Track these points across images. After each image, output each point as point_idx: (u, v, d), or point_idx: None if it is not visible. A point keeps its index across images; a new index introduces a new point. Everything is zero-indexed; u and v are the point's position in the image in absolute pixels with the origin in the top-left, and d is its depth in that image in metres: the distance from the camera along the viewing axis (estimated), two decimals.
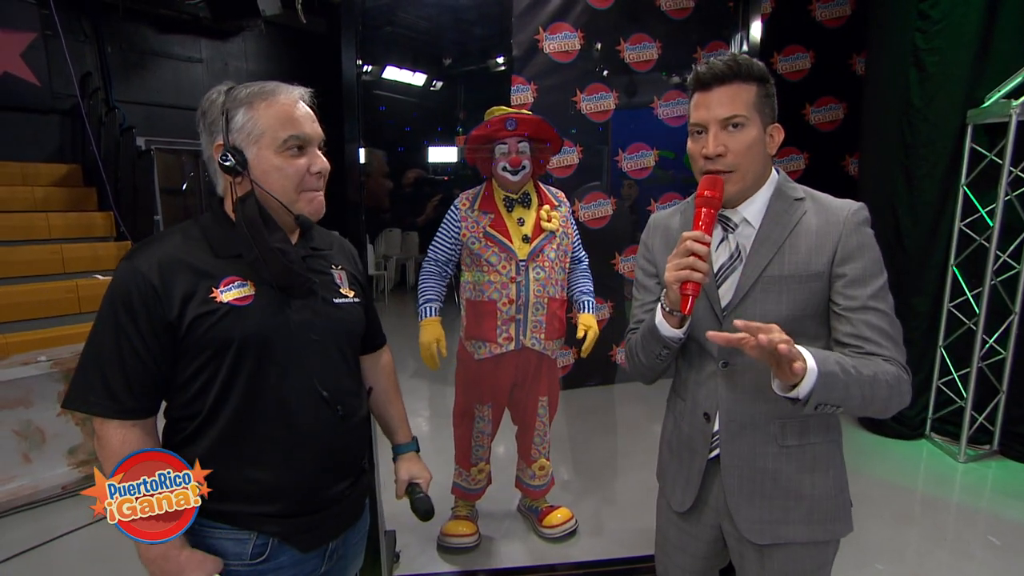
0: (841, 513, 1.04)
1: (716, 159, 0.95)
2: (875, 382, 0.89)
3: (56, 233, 4.16)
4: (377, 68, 7.97)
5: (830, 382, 0.84)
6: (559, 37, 3.50)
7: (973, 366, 2.87)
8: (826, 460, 1.02)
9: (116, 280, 0.86)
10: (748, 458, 1.02)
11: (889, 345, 0.93)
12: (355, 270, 1.08)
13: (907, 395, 0.94)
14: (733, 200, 1.00)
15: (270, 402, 0.89)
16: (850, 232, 0.95)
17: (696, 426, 1.07)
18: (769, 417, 1.00)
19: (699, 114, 0.97)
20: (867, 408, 0.91)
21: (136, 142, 4.87)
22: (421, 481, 1.17)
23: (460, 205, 2.02)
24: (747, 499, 1.02)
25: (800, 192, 1.02)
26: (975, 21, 2.75)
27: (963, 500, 2.59)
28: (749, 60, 0.96)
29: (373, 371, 1.19)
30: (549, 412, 2.18)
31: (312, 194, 0.94)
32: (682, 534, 1.14)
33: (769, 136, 0.98)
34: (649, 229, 1.16)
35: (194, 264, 0.87)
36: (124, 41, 5.55)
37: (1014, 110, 2.60)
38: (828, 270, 0.96)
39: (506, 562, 2.12)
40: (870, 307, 0.93)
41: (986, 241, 2.81)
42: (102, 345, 0.85)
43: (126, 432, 0.85)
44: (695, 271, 0.89)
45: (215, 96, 0.91)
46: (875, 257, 0.96)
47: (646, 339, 1.04)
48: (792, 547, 1.03)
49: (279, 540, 0.92)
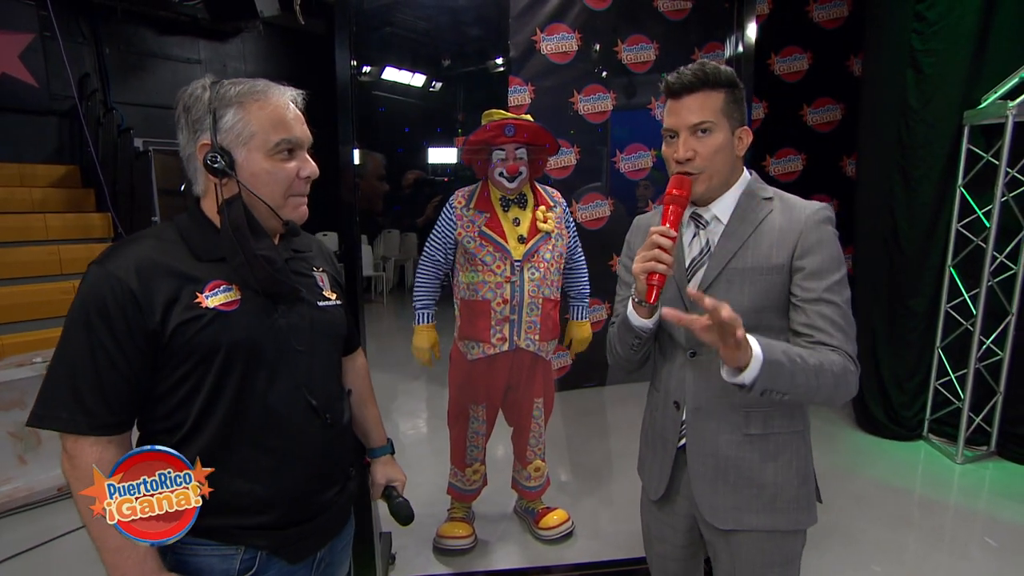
0: (804, 503, 1.06)
1: (686, 162, 1.01)
2: (820, 371, 0.93)
3: (54, 234, 4.17)
4: (376, 69, 7.98)
5: (775, 370, 0.88)
6: (556, 38, 3.50)
7: (970, 367, 2.87)
8: (789, 450, 1.05)
9: (88, 286, 0.80)
10: (712, 445, 1.06)
11: (839, 336, 0.97)
12: (334, 272, 1.07)
13: (853, 386, 0.97)
14: (703, 199, 1.07)
15: (258, 410, 0.87)
16: (810, 229, 1.00)
17: (668, 415, 1.11)
18: (734, 405, 1.04)
19: (670, 120, 1.04)
20: (813, 396, 0.94)
21: (134, 143, 4.87)
22: (397, 484, 1.16)
23: (455, 204, 2.02)
24: (710, 485, 1.06)
25: (769, 192, 1.08)
26: (971, 22, 2.75)
27: (960, 501, 2.58)
28: (717, 68, 1.01)
29: (350, 373, 1.18)
30: (544, 413, 2.18)
31: (298, 199, 0.92)
32: (661, 524, 1.18)
33: (738, 139, 1.04)
34: (633, 229, 1.23)
35: (175, 267, 0.83)
36: (122, 42, 5.57)
37: (1010, 111, 2.60)
38: (788, 264, 1.01)
39: (502, 564, 2.11)
40: (824, 299, 0.98)
41: (983, 242, 2.80)
42: (74, 356, 0.79)
43: (102, 449, 0.80)
44: (659, 263, 0.95)
45: (199, 91, 0.87)
46: (833, 254, 1.00)
47: (621, 330, 1.09)
48: (757, 535, 1.06)
49: (268, 553, 0.89)
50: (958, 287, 2.95)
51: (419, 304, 2.05)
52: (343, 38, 1.53)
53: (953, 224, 2.93)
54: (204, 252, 0.87)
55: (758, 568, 1.06)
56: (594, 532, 2.29)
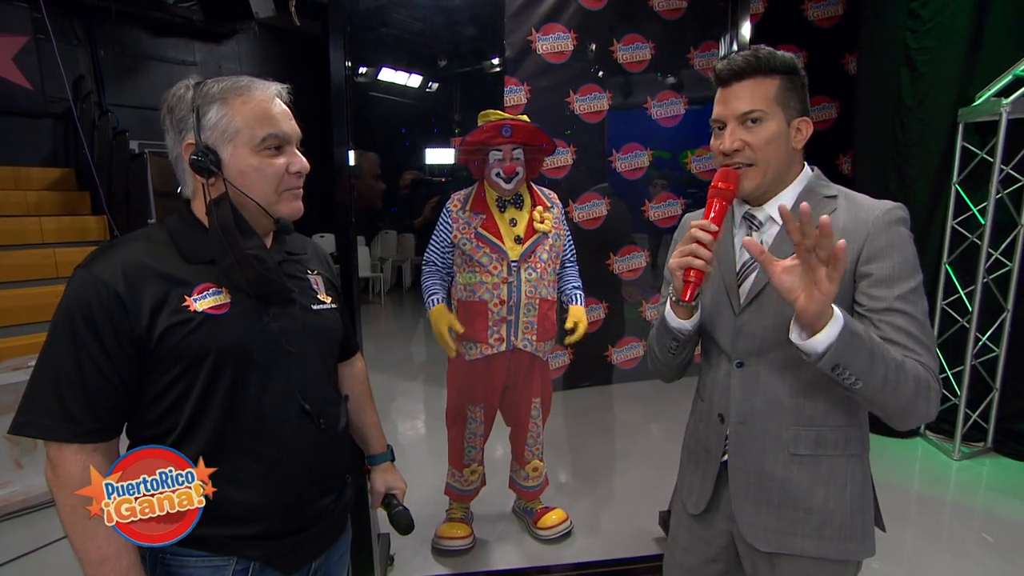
0: (858, 533, 0.97)
1: (733, 154, 0.93)
2: (902, 368, 0.82)
3: (49, 237, 4.16)
4: (372, 70, 7.97)
5: (854, 343, 0.79)
6: (552, 38, 3.50)
7: (966, 364, 2.88)
8: (843, 474, 0.96)
9: (73, 289, 0.78)
10: (757, 463, 0.98)
11: (919, 349, 0.85)
12: (330, 275, 1.04)
13: (934, 404, 0.86)
14: (756, 196, 0.98)
15: (251, 416, 0.84)
16: (879, 231, 0.90)
17: (711, 428, 1.05)
18: (782, 423, 0.96)
19: (718, 110, 0.96)
20: (888, 396, 0.83)
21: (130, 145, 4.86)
22: (397, 492, 1.14)
23: (451, 207, 2.02)
24: (752, 504, 0.99)
25: (834, 190, 0.97)
26: (965, 20, 2.76)
27: (957, 498, 2.59)
28: (772, 53, 0.92)
29: (348, 378, 1.16)
30: (542, 413, 2.18)
31: (292, 194, 0.89)
32: (693, 537, 1.12)
33: (796, 130, 0.95)
34: (680, 229, 1.13)
35: (163, 270, 0.81)
36: (117, 44, 5.54)
37: (1004, 108, 2.61)
38: (852, 269, 0.91)
39: (501, 564, 2.11)
40: (896, 309, 0.87)
41: (978, 239, 2.81)
42: (58, 362, 0.77)
43: (87, 457, 0.77)
44: (696, 258, 0.87)
45: (183, 91, 0.85)
46: (907, 258, 0.89)
47: (659, 331, 1.03)
48: (802, 561, 0.98)
49: (261, 564, 0.86)
50: (954, 284, 2.96)
51: (428, 293, 2.02)
52: (337, 39, 1.53)
53: (948, 221, 2.94)
54: (193, 254, 0.84)
55: None
56: (593, 531, 2.29)
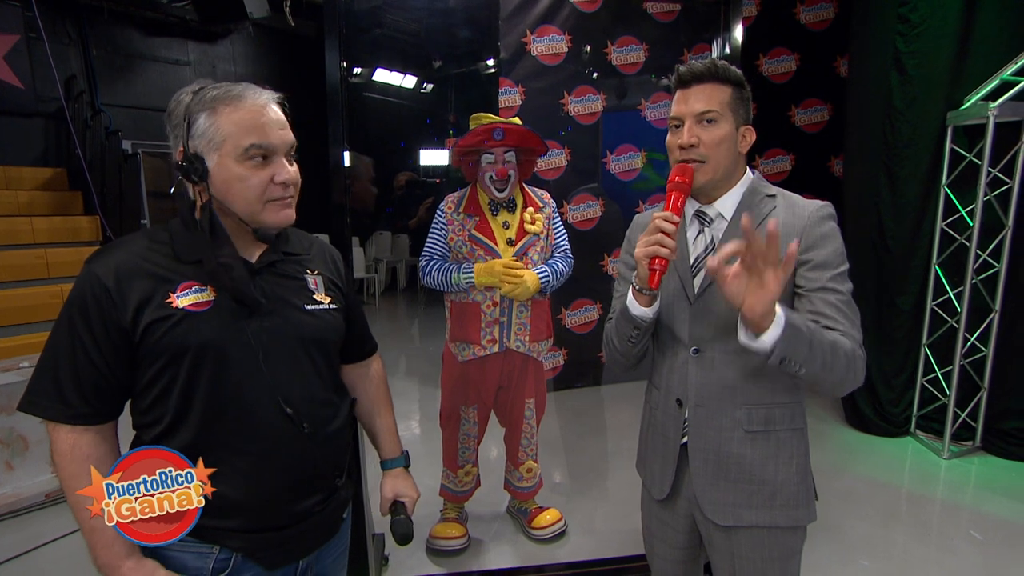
0: (803, 500, 1.07)
1: (689, 149, 1.03)
2: (835, 348, 0.93)
3: (41, 238, 4.13)
4: (367, 70, 7.96)
5: (795, 336, 0.88)
6: (547, 40, 3.51)
7: (955, 364, 2.91)
8: (790, 447, 1.06)
9: (76, 284, 0.86)
10: (715, 442, 1.06)
11: (845, 322, 0.97)
12: (334, 275, 1.04)
13: (861, 372, 0.97)
14: (706, 192, 1.08)
15: (234, 412, 0.86)
16: (814, 224, 1.02)
17: (669, 413, 1.11)
18: (736, 403, 1.05)
19: (677, 108, 1.06)
20: (826, 375, 0.93)
21: (123, 145, 4.83)
22: (407, 501, 1.11)
23: (445, 208, 2.03)
24: (712, 482, 1.07)
25: (773, 190, 1.09)
26: (953, 24, 2.80)
27: (947, 496, 2.62)
28: (727, 65, 1.04)
29: (362, 381, 1.15)
30: (536, 414, 2.18)
31: (278, 204, 0.90)
32: (662, 525, 1.18)
33: (741, 136, 1.06)
34: (634, 226, 1.23)
35: (152, 269, 0.86)
36: (110, 44, 5.51)
37: (992, 112, 2.64)
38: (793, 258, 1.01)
39: (495, 564, 2.12)
40: (829, 288, 0.99)
41: (967, 240, 2.85)
42: (57, 349, 0.84)
43: (76, 437, 0.83)
44: (662, 247, 0.95)
45: (183, 96, 0.88)
46: (837, 248, 1.02)
47: (619, 322, 1.09)
48: (756, 532, 1.06)
49: (243, 556, 0.88)
50: (943, 285, 2.99)
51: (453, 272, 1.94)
52: (332, 39, 1.53)
53: (938, 223, 2.97)
54: (185, 254, 0.88)
55: (758, 563, 1.06)
56: (587, 531, 2.30)
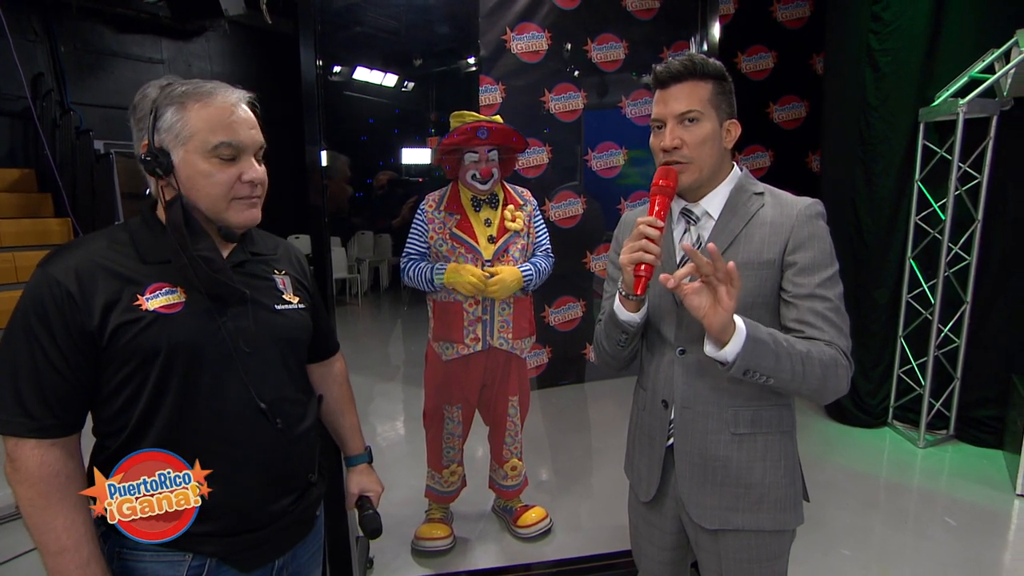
0: (791, 503, 1.05)
1: (673, 151, 1.00)
2: (808, 358, 0.91)
3: (8, 241, 4.01)
4: (347, 69, 7.87)
5: (758, 348, 0.87)
6: (526, 37, 3.51)
7: (930, 355, 2.98)
8: (778, 450, 1.04)
9: (29, 288, 0.80)
10: (701, 444, 1.04)
11: (831, 331, 0.95)
12: (300, 275, 1.05)
13: (844, 381, 0.95)
14: (692, 192, 1.05)
15: (204, 414, 0.85)
16: (802, 223, 0.99)
17: (656, 414, 1.10)
18: (722, 404, 1.03)
19: (658, 110, 1.02)
20: (800, 385, 0.92)
21: (95, 145, 4.70)
22: (372, 495, 1.14)
23: (426, 207, 2.01)
24: (698, 485, 1.05)
25: (760, 188, 1.06)
26: (924, 23, 2.86)
27: (922, 484, 2.69)
28: (705, 59, 1.00)
29: (325, 379, 1.15)
30: (520, 412, 2.18)
31: (243, 203, 0.89)
32: (649, 526, 1.17)
33: (726, 131, 1.03)
34: (620, 226, 1.20)
35: (116, 270, 0.82)
36: (79, 40, 5.36)
37: (961, 108, 2.71)
38: (780, 259, 1.00)
39: (481, 563, 2.11)
40: (816, 295, 0.96)
41: (939, 234, 2.92)
42: (14, 359, 0.79)
43: (44, 452, 0.79)
44: (647, 253, 0.93)
45: (149, 90, 0.87)
46: (825, 248, 0.99)
47: (607, 325, 1.07)
48: (744, 534, 1.05)
49: (217, 561, 0.87)
50: (918, 278, 3.06)
51: (428, 273, 1.94)
52: (307, 36, 1.50)
53: (912, 217, 3.04)
54: (150, 254, 0.86)
55: (745, 564, 1.05)
56: (573, 528, 2.31)
